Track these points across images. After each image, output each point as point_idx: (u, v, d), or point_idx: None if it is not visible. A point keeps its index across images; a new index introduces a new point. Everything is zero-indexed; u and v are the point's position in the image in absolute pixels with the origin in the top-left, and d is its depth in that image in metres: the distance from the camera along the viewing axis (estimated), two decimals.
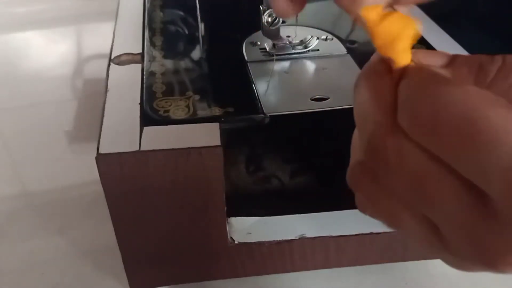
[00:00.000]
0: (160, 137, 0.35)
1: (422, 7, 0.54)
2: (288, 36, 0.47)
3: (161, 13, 0.53)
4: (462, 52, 0.46)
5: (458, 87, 0.16)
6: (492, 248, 0.15)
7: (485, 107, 0.15)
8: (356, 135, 0.21)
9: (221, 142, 0.34)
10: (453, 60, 0.19)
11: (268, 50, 0.46)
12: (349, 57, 0.46)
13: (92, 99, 0.69)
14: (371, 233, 0.41)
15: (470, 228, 0.16)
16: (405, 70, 0.19)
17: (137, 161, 0.34)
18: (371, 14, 0.19)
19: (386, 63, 0.20)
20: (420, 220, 0.18)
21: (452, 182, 0.16)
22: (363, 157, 0.19)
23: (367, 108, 0.19)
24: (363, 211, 0.20)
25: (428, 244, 0.18)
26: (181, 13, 0.54)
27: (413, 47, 0.19)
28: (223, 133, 0.35)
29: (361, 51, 0.46)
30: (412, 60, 0.19)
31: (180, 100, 0.39)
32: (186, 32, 0.51)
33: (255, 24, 0.47)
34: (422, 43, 0.47)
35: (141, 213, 0.37)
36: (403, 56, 0.19)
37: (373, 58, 0.21)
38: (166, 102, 0.39)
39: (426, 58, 0.19)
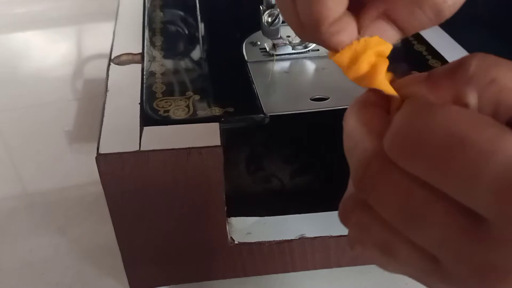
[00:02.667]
0: (160, 137, 0.35)
1: None
2: (288, 36, 0.47)
3: (161, 13, 0.53)
4: (462, 51, 0.46)
5: (441, 109, 0.16)
6: (491, 269, 0.15)
7: (470, 128, 0.15)
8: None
9: (221, 142, 0.34)
10: (430, 73, 0.19)
11: (268, 50, 0.46)
12: None
13: (92, 99, 0.69)
14: None
15: (467, 251, 0.15)
16: (394, 100, 0.19)
17: (137, 161, 0.34)
18: (342, 59, 0.20)
19: (375, 94, 0.20)
20: (415, 250, 0.17)
21: (444, 206, 0.16)
22: (353, 190, 0.19)
23: (355, 136, 0.19)
24: (353, 247, 0.20)
25: (425, 274, 0.18)
26: (181, 13, 0.54)
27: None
28: (223, 133, 0.35)
29: None
30: (392, 83, 0.19)
31: (180, 100, 0.39)
32: (186, 32, 0.51)
33: (255, 24, 0.47)
34: (422, 44, 0.47)
35: (141, 213, 0.37)
36: (382, 84, 0.19)
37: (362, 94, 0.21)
38: (166, 102, 0.39)
39: (406, 79, 0.19)
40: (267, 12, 0.44)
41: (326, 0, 0.19)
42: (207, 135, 0.35)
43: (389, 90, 0.19)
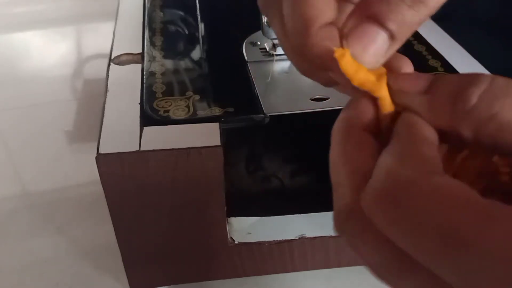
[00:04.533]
0: (160, 137, 0.35)
1: None
2: None
3: (161, 13, 0.53)
4: (462, 51, 0.46)
5: (426, 188, 0.15)
6: None
7: (460, 209, 0.14)
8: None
9: (221, 142, 0.34)
10: (432, 83, 0.18)
11: (268, 50, 0.46)
12: None
13: (92, 99, 0.69)
14: None
15: None
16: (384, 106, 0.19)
17: (137, 161, 0.34)
18: (348, 66, 0.19)
19: (363, 109, 0.19)
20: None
21: (417, 270, 0.15)
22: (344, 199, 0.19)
23: (338, 174, 0.19)
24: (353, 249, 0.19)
25: None
26: (181, 13, 0.54)
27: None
28: (223, 133, 0.35)
29: None
30: (389, 86, 0.19)
31: (180, 100, 0.39)
32: (186, 32, 0.51)
33: (255, 24, 0.47)
34: (422, 44, 0.47)
35: (141, 213, 0.37)
36: (380, 87, 0.19)
37: (346, 112, 0.20)
38: (166, 102, 0.38)
39: (405, 82, 0.19)
40: None
41: (316, 1, 0.18)
42: (207, 135, 0.35)
43: (387, 103, 0.19)
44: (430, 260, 0.15)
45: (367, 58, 0.18)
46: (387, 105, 0.19)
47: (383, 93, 0.19)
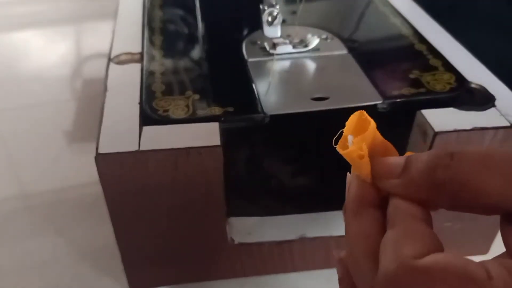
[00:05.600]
0: (160, 137, 0.34)
1: (422, 5, 0.54)
2: (289, 36, 0.47)
3: (161, 13, 0.53)
4: (462, 51, 0.46)
5: (424, 274, 0.16)
6: None
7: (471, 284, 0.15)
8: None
9: (220, 142, 0.34)
10: (406, 167, 0.20)
11: (268, 49, 0.46)
12: (349, 57, 0.45)
13: (92, 99, 0.69)
14: None
15: None
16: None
17: (137, 161, 0.33)
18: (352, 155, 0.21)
19: (368, 189, 0.21)
20: None
21: None
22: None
23: (357, 258, 0.20)
24: None
25: None
26: (181, 12, 0.54)
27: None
28: (223, 133, 0.35)
29: (362, 51, 0.46)
30: (371, 174, 0.21)
31: (180, 99, 0.39)
32: (186, 31, 0.51)
33: (255, 24, 0.47)
34: (423, 43, 0.47)
35: (140, 213, 0.37)
36: (362, 169, 0.21)
37: (354, 193, 0.22)
38: (165, 101, 0.38)
39: (382, 169, 0.21)
40: (267, 11, 0.44)
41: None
42: (206, 135, 0.35)
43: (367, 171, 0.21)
44: None
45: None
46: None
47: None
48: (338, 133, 0.23)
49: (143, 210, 0.37)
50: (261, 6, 0.44)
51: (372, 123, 0.21)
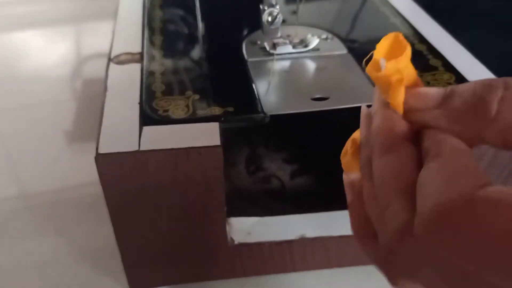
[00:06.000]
0: (160, 137, 0.34)
1: (422, 5, 0.54)
2: (289, 36, 0.47)
3: (161, 13, 0.53)
4: (463, 51, 0.46)
5: (487, 206, 0.15)
6: None
7: None
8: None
9: (220, 142, 0.34)
10: (448, 96, 0.18)
11: (268, 49, 0.46)
12: (349, 56, 0.45)
13: (92, 99, 0.69)
14: None
15: None
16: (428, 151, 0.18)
17: (137, 161, 0.33)
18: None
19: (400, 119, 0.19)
20: None
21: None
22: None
23: (388, 192, 0.18)
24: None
25: None
26: (181, 12, 0.54)
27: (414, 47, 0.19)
28: (223, 133, 0.35)
29: (362, 50, 0.46)
30: (404, 104, 0.19)
31: (180, 99, 0.39)
32: (186, 31, 0.51)
33: (255, 24, 0.47)
34: (423, 43, 0.47)
35: (140, 213, 0.37)
36: (397, 97, 0.19)
37: (383, 121, 0.20)
38: (165, 101, 0.38)
39: (419, 100, 0.19)
40: (267, 11, 0.44)
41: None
42: (206, 135, 0.35)
43: (400, 101, 0.19)
44: (503, 277, 0.14)
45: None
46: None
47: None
48: (368, 55, 0.20)
49: (143, 210, 0.37)
50: (261, 6, 0.44)
51: (409, 48, 0.19)
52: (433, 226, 0.16)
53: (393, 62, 0.19)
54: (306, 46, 0.46)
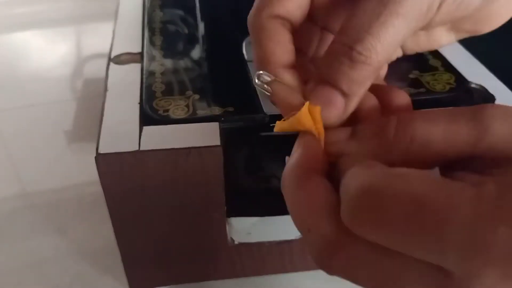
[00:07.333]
0: (160, 137, 0.34)
1: None
2: None
3: (161, 13, 0.53)
4: (462, 51, 0.46)
5: (398, 177, 0.17)
6: None
7: (426, 189, 0.16)
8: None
9: (221, 142, 0.34)
10: (355, 130, 0.21)
11: None
12: None
13: (92, 99, 0.69)
14: None
15: None
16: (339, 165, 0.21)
17: (137, 161, 0.34)
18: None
19: (310, 154, 0.23)
20: None
21: (415, 270, 0.16)
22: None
23: (305, 220, 0.20)
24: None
25: None
26: (181, 12, 0.54)
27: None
28: (223, 133, 0.35)
29: None
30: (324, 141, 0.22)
31: (180, 99, 0.39)
32: (186, 31, 0.51)
33: None
34: None
35: (140, 213, 0.37)
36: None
37: (294, 160, 0.24)
38: (165, 101, 0.38)
39: (332, 136, 0.22)
40: None
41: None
42: (206, 134, 0.35)
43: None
44: (426, 248, 0.15)
45: (328, 115, 0.22)
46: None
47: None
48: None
49: (143, 209, 0.37)
50: None
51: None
52: (357, 208, 0.17)
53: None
54: None
